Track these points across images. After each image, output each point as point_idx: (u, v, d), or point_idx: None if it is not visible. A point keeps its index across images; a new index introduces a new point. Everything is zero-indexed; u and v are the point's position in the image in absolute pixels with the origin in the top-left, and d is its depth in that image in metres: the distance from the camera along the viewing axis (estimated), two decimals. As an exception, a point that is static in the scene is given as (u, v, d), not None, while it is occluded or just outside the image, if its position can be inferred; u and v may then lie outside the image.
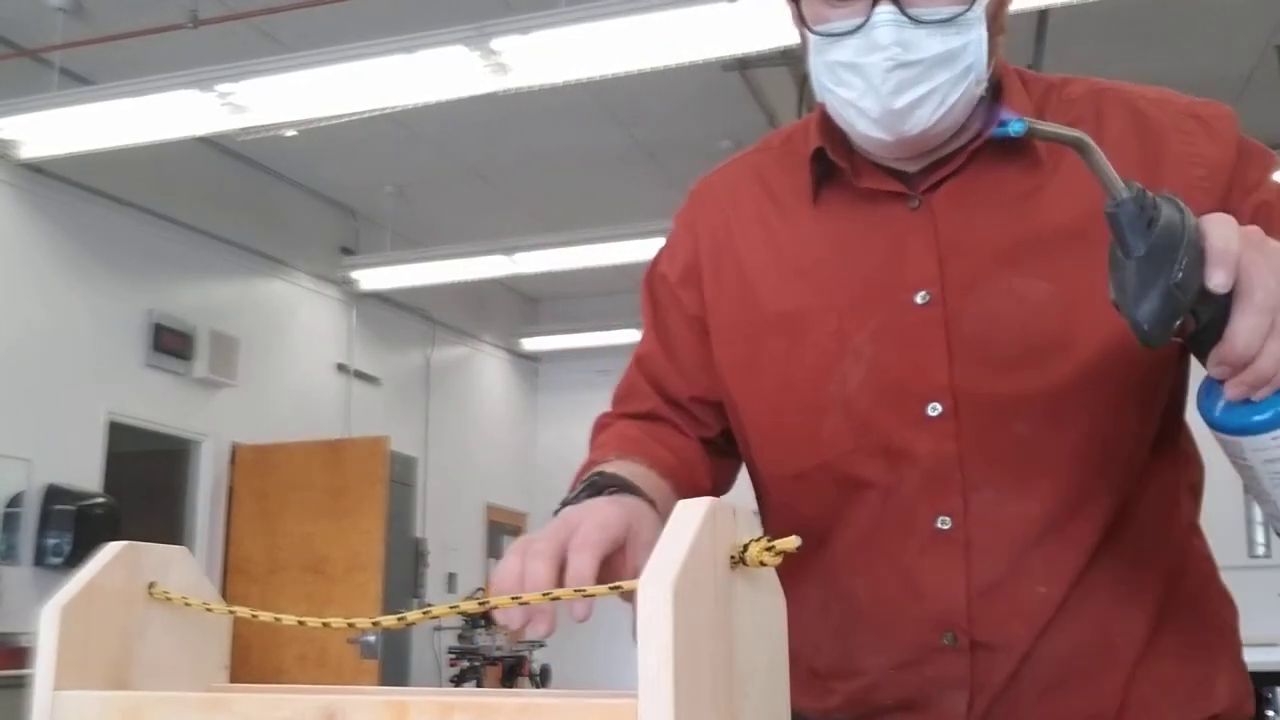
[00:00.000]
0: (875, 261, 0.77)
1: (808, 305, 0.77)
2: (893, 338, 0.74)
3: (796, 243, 0.80)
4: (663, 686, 0.40)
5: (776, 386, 0.78)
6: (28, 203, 4.41)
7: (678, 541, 0.43)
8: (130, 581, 0.58)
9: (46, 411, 4.37)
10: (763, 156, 0.86)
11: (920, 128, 0.72)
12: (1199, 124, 0.77)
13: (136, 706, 0.51)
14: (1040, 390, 0.71)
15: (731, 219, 0.84)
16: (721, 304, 0.82)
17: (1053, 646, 0.71)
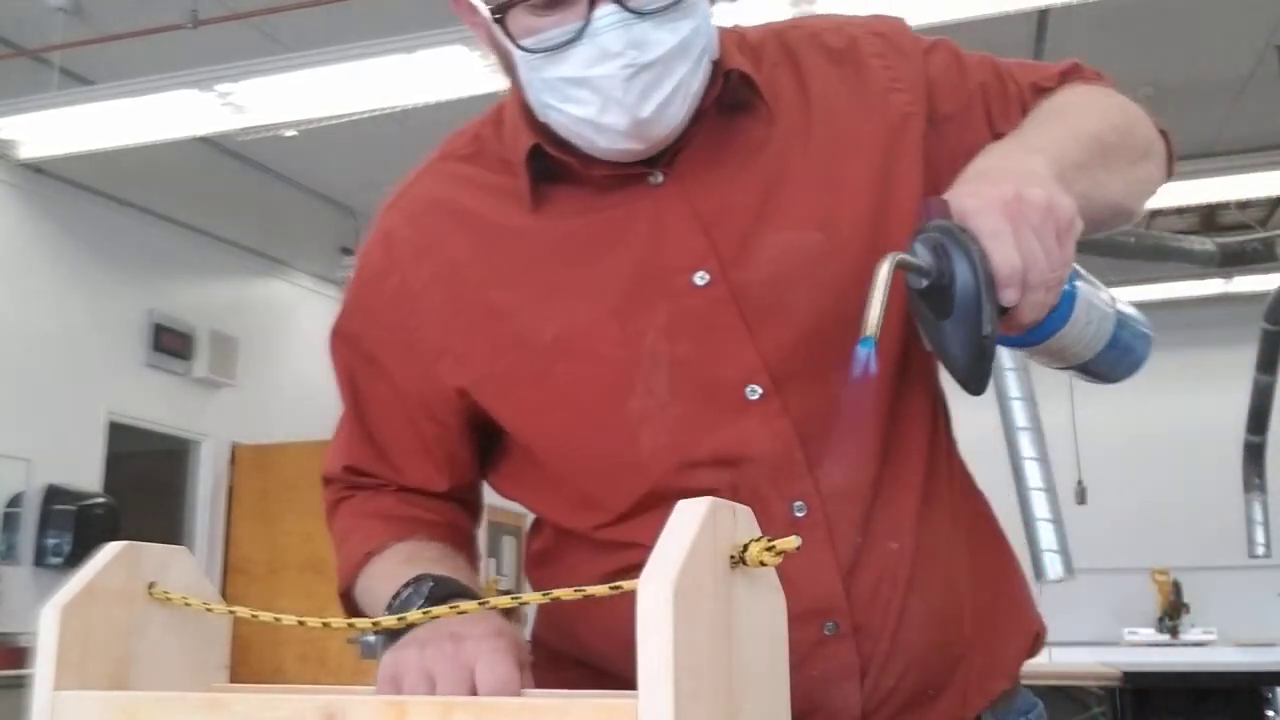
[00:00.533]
0: (636, 252, 0.69)
1: (580, 320, 0.69)
2: (686, 330, 0.68)
3: (538, 257, 0.71)
4: (662, 686, 0.40)
5: (574, 419, 0.69)
6: (28, 203, 4.41)
7: (678, 541, 0.43)
8: (130, 581, 0.58)
9: (46, 411, 4.37)
10: (456, 167, 0.76)
11: (672, 126, 0.67)
12: (885, 42, 0.76)
13: (136, 706, 0.51)
14: (848, 342, 0.66)
15: (448, 251, 0.73)
16: (478, 354, 0.71)
17: (920, 602, 0.69)
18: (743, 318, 0.68)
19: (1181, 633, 5.39)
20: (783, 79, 0.74)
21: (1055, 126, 0.69)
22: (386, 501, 0.78)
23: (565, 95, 0.66)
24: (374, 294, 0.76)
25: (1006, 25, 3.46)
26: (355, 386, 0.79)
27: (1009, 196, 0.57)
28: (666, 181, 0.71)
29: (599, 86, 0.65)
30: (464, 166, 0.76)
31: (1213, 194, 4.28)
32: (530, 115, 0.71)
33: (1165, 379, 6.01)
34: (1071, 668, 4.11)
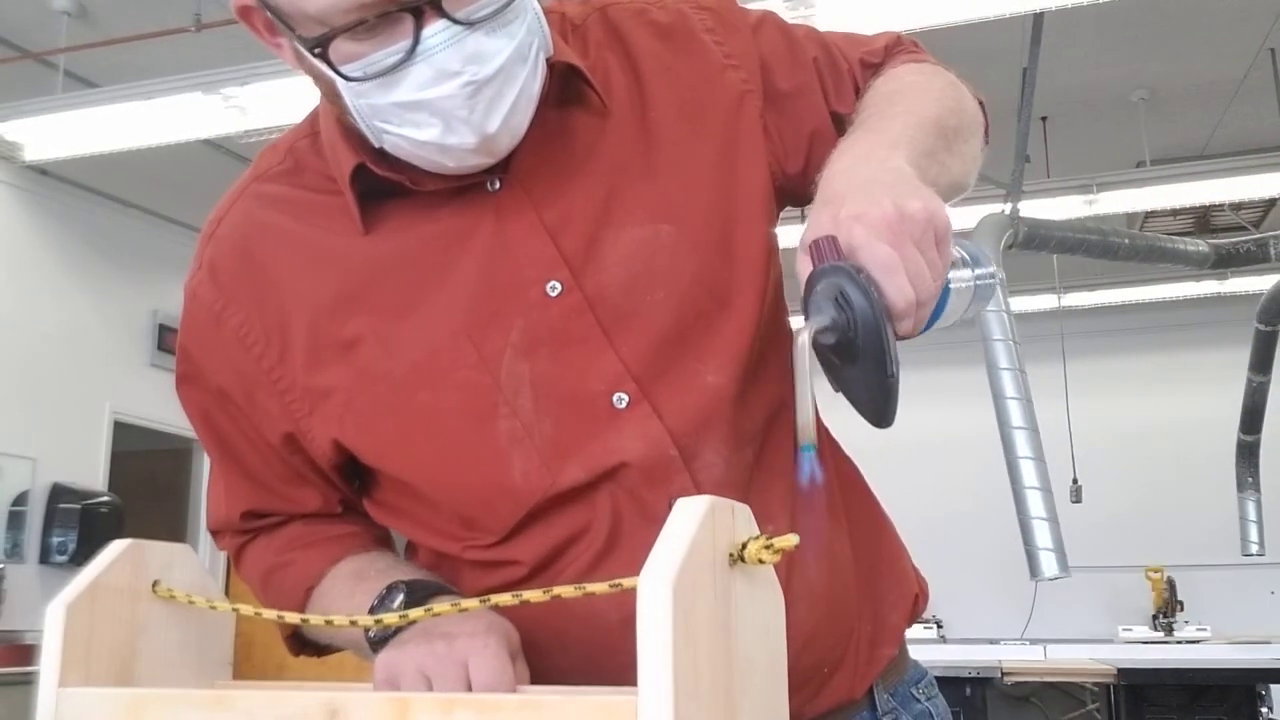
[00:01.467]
0: (481, 266, 0.66)
1: (434, 344, 0.65)
2: (544, 344, 0.65)
3: (379, 280, 0.66)
4: (662, 683, 0.40)
5: (442, 452, 0.65)
6: (33, 205, 4.42)
7: (677, 539, 0.43)
8: (134, 579, 0.59)
9: (51, 411, 4.38)
10: (275, 189, 0.71)
11: (517, 134, 0.64)
12: (714, 17, 0.73)
13: (141, 703, 0.52)
14: (711, 334, 0.67)
15: (280, 279, 0.68)
16: (336, 387, 0.67)
17: (801, 582, 0.68)
18: (600, 325, 0.65)
19: (1176, 630, 5.39)
20: (612, 62, 0.71)
21: (900, 114, 0.67)
22: (296, 531, 0.74)
23: (403, 119, 0.62)
24: (214, 332, 0.70)
25: (1001, 29, 3.46)
26: (216, 429, 0.72)
27: (891, 217, 0.55)
28: (504, 187, 0.67)
29: (439, 108, 0.61)
30: (282, 187, 0.71)
31: (1207, 196, 4.27)
32: (351, 132, 0.66)
33: (1160, 379, 6.03)
34: (1066, 665, 4.11)
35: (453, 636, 0.58)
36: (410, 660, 0.58)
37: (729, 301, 0.68)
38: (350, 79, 0.61)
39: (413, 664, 0.58)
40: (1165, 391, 5.93)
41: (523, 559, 0.67)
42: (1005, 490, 4.22)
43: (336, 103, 0.64)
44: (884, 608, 0.74)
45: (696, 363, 0.67)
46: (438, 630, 0.59)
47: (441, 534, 0.70)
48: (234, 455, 0.73)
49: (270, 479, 0.73)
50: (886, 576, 0.76)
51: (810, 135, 0.72)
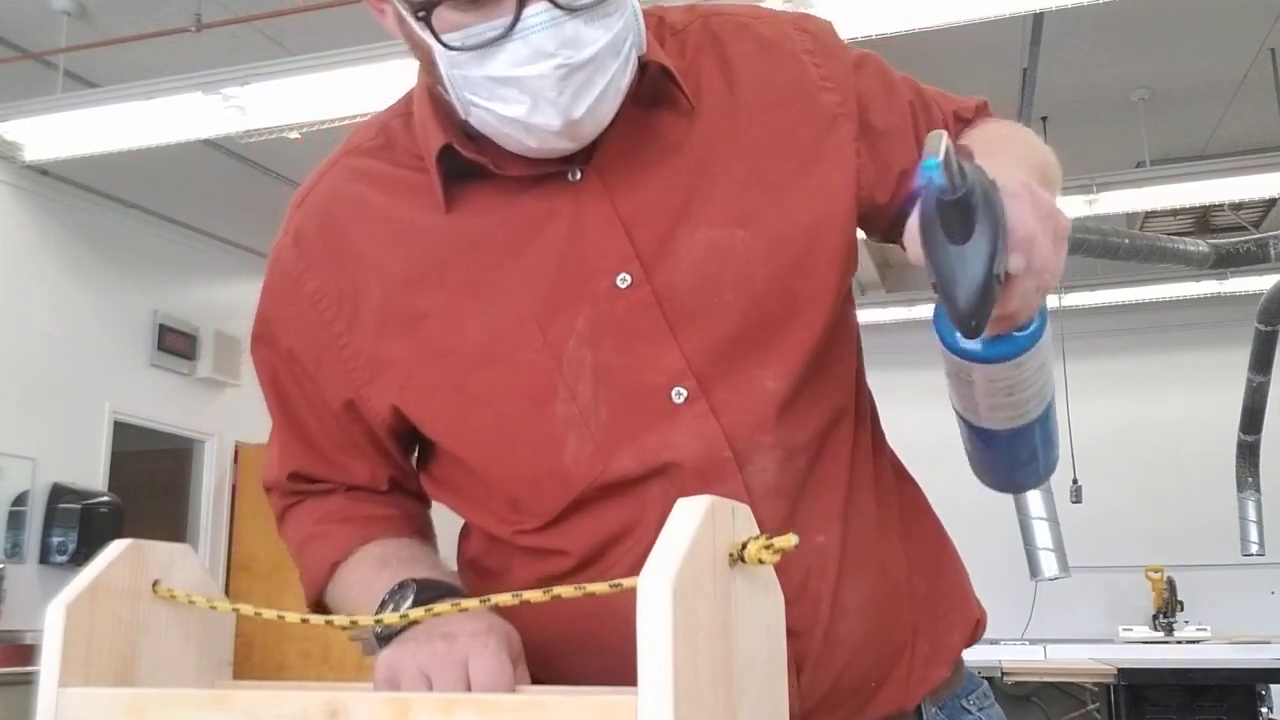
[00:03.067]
0: (555, 253, 0.67)
1: (501, 325, 0.67)
2: (608, 334, 0.66)
3: (454, 259, 0.68)
4: (662, 683, 0.40)
5: (498, 429, 0.67)
6: (33, 205, 4.42)
7: (677, 540, 0.43)
8: (135, 579, 0.59)
9: (52, 411, 4.38)
10: (365, 163, 0.73)
11: (602, 124, 0.65)
12: (814, 40, 0.74)
13: (141, 703, 0.52)
14: (776, 341, 0.67)
15: (360, 250, 0.70)
16: (397, 356, 0.69)
17: (852, 594, 0.68)
18: (666, 320, 0.66)
19: (1176, 630, 5.39)
20: (707, 68, 0.72)
21: (1010, 153, 0.68)
22: (338, 504, 0.76)
23: (493, 94, 0.63)
24: (291, 296, 0.73)
25: (1001, 29, 3.46)
26: (282, 390, 0.75)
27: (1025, 182, 0.57)
28: (585, 178, 0.68)
29: (530, 86, 0.62)
30: (372, 161, 0.73)
31: (1207, 196, 4.27)
32: (441, 112, 0.69)
33: (1160, 379, 6.04)
34: (1066, 665, 4.11)
35: (453, 636, 0.59)
36: (411, 659, 0.58)
37: (797, 311, 0.68)
38: (449, 48, 0.62)
39: (413, 663, 0.58)
40: (1165, 391, 5.93)
41: (570, 549, 0.68)
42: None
43: (431, 71, 0.66)
44: (942, 628, 0.74)
45: (758, 367, 0.67)
46: (439, 630, 0.60)
47: (493, 515, 0.71)
48: (294, 418, 0.75)
49: (326, 445, 0.75)
50: (947, 598, 0.75)
51: (900, 174, 0.73)
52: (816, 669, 0.67)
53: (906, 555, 0.73)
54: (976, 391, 0.65)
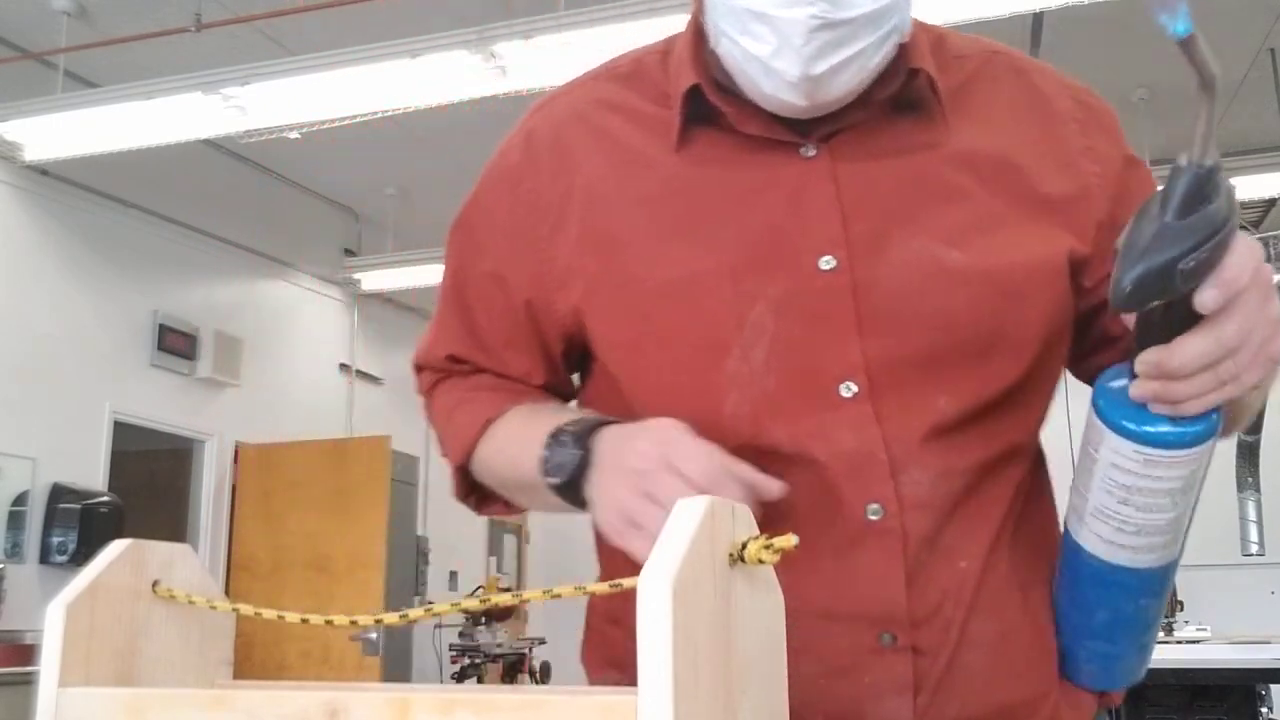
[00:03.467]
0: (770, 219, 0.67)
1: (696, 270, 0.67)
2: (797, 310, 0.66)
3: (670, 196, 0.69)
4: (662, 683, 0.40)
5: (668, 366, 0.68)
6: (33, 205, 4.42)
7: (677, 539, 0.43)
8: (135, 579, 0.59)
9: (52, 411, 4.39)
10: (608, 86, 0.74)
11: (838, 94, 0.65)
12: (1089, 114, 0.73)
13: (141, 703, 0.52)
14: (961, 367, 0.66)
15: (583, 164, 0.72)
16: (589, 272, 0.70)
17: (984, 627, 0.66)
18: (856, 313, 0.65)
19: (1175, 630, 5.38)
20: (975, 96, 0.71)
21: None
22: (490, 378, 0.77)
23: (744, 27, 0.64)
24: (505, 192, 0.75)
25: (1001, 29, 3.46)
26: (462, 279, 0.77)
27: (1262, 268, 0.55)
28: (818, 156, 0.68)
29: (781, 29, 0.62)
30: (617, 88, 0.74)
31: (1211, 195, 4.27)
32: (699, 56, 0.69)
33: (1167, 380, 6.01)
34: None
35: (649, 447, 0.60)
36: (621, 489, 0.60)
37: (993, 346, 0.66)
38: None
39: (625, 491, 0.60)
40: (1166, 391, 5.92)
41: None
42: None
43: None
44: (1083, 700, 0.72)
45: (934, 386, 0.66)
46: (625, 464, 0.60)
47: None
48: (466, 304, 0.77)
49: (492, 337, 0.76)
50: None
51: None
52: (935, 692, 0.65)
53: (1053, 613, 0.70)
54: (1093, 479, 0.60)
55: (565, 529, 7.82)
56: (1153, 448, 0.56)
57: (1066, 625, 0.68)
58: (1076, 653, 0.68)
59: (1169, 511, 0.59)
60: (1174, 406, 0.56)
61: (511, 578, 7.62)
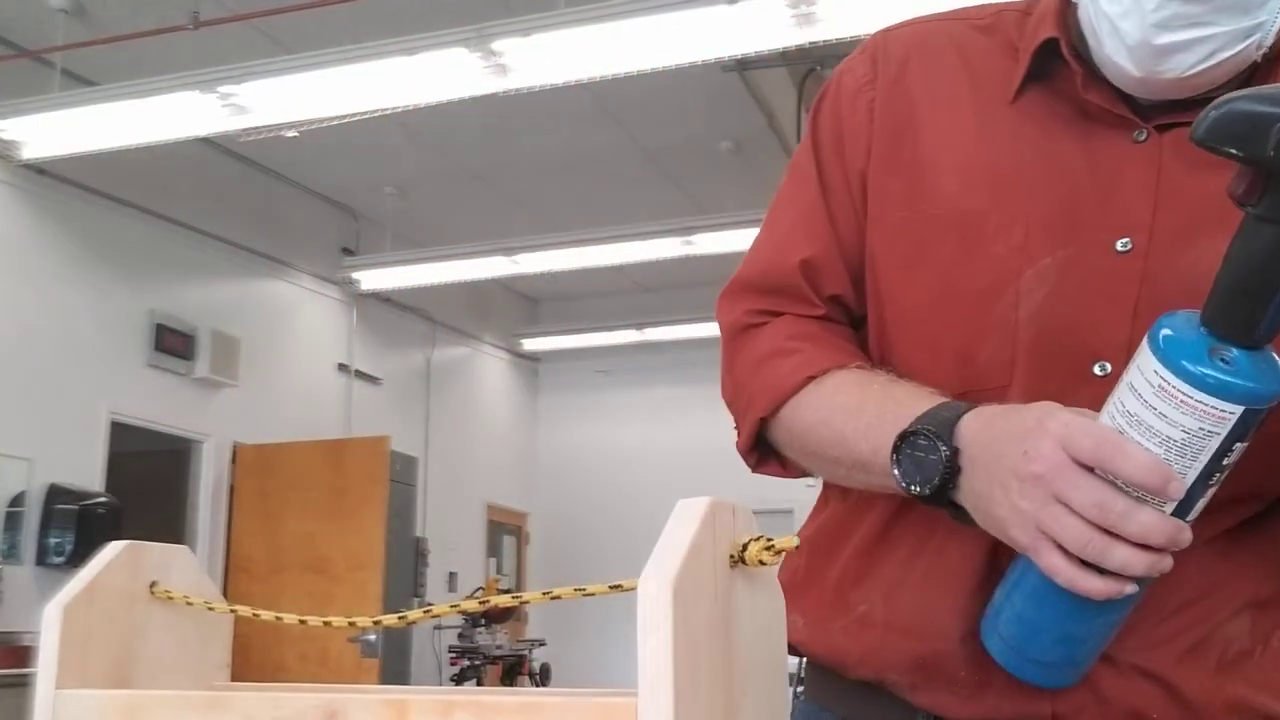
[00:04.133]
0: (1081, 186, 0.66)
1: (991, 209, 0.67)
2: (1080, 277, 0.64)
3: (992, 139, 0.69)
4: (662, 685, 0.40)
5: (938, 294, 0.68)
6: (30, 203, 4.41)
7: (678, 540, 0.43)
8: (132, 581, 0.58)
9: (48, 411, 4.38)
10: (962, 27, 0.74)
11: (1175, 74, 0.63)
12: None
13: (138, 705, 0.52)
14: None
15: (916, 88, 0.73)
16: (890, 189, 0.71)
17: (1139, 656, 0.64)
18: (1137, 298, 0.64)
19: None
20: None
21: None
22: (816, 329, 0.74)
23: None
24: (850, 98, 0.75)
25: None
26: (820, 165, 0.75)
27: None
28: (1148, 142, 0.66)
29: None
30: (971, 32, 0.74)
31: (1213, 194, 4.28)
32: (1061, 13, 0.69)
33: (1165, 379, 6.03)
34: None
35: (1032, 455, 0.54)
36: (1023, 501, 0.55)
37: None
38: None
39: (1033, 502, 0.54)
40: (1164, 391, 5.93)
41: None
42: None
43: None
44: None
45: None
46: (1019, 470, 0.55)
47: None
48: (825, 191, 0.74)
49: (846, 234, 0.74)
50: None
51: None
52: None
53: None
54: (1105, 407, 0.55)
55: (565, 529, 7.83)
56: (1171, 373, 0.52)
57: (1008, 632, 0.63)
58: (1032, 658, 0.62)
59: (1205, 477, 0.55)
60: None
61: (511, 579, 7.63)
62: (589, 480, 7.79)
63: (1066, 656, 0.54)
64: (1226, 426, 0.52)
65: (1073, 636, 0.50)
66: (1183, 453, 0.53)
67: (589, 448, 7.92)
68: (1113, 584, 0.54)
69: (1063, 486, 0.54)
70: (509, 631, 6.28)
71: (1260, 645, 0.66)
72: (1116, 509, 0.53)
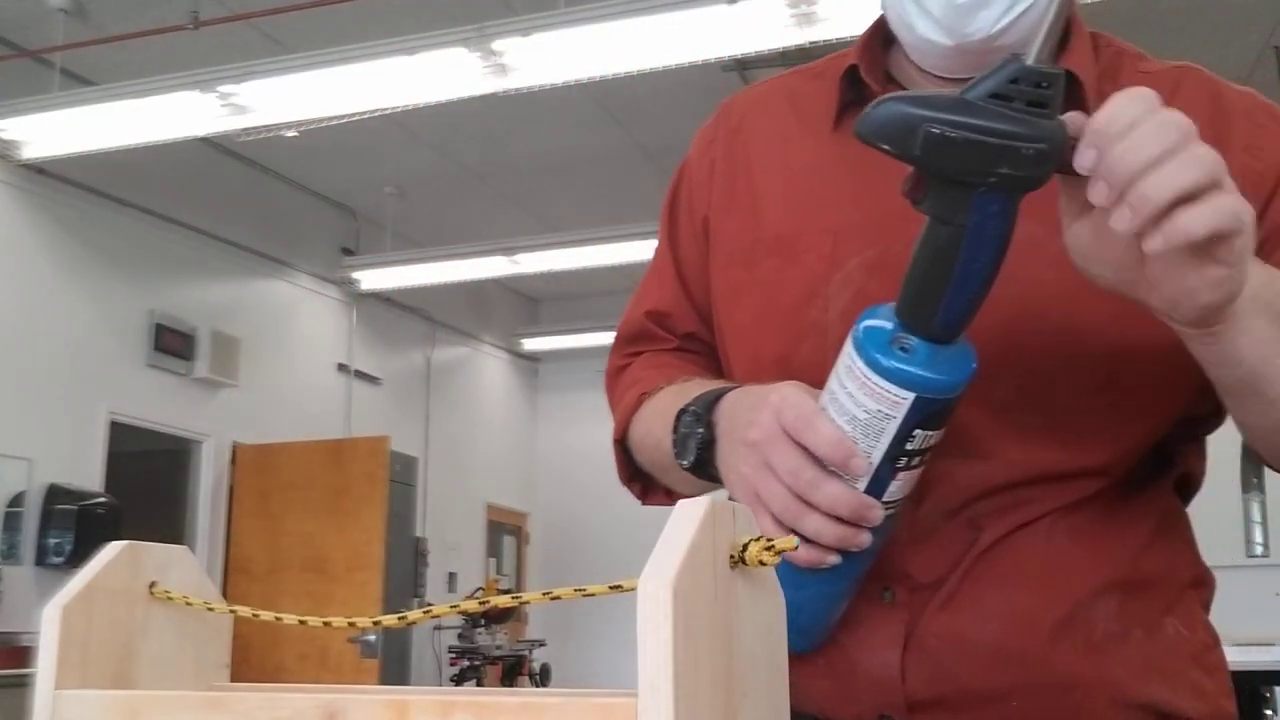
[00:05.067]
0: (888, 194, 0.67)
1: (805, 227, 0.72)
2: (885, 275, 0.66)
3: (814, 167, 0.75)
4: (662, 685, 0.40)
5: (761, 310, 0.72)
6: (29, 203, 4.41)
7: (677, 540, 0.43)
8: (131, 581, 0.58)
9: (48, 411, 4.38)
10: (797, 78, 0.81)
11: (984, 32, 0.66)
12: (1273, 121, 0.71)
13: (137, 706, 0.51)
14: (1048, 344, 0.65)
15: (751, 139, 0.79)
16: (727, 227, 0.77)
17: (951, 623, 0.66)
18: None
19: (1181, 632, 5.39)
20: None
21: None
22: (665, 358, 0.81)
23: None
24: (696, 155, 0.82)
25: (1006, 26, 3.45)
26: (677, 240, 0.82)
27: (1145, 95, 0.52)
28: None
29: None
30: (804, 80, 0.80)
31: (1212, 194, 4.29)
32: (868, 43, 0.74)
33: (1165, 379, 6.02)
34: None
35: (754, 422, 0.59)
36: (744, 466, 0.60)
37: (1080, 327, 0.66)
38: None
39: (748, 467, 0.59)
40: (1164, 391, 5.92)
41: None
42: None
43: None
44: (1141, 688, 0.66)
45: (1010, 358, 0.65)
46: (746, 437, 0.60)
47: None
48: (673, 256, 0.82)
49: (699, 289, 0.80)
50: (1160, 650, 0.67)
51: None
52: None
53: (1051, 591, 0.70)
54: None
55: (565, 529, 7.83)
56: (857, 355, 0.56)
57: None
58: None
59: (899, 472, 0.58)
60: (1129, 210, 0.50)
61: (511, 579, 7.62)
62: (589, 480, 7.79)
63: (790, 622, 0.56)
64: (902, 411, 0.56)
65: (792, 603, 0.50)
66: (866, 432, 0.56)
67: (589, 448, 7.91)
68: (814, 553, 0.58)
69: (769, 453, 0.58)
70: (509, 632, 6.28)
71: (1140, 629, 0.67)
72: (805, 477, 0.57)
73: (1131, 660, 0.66)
